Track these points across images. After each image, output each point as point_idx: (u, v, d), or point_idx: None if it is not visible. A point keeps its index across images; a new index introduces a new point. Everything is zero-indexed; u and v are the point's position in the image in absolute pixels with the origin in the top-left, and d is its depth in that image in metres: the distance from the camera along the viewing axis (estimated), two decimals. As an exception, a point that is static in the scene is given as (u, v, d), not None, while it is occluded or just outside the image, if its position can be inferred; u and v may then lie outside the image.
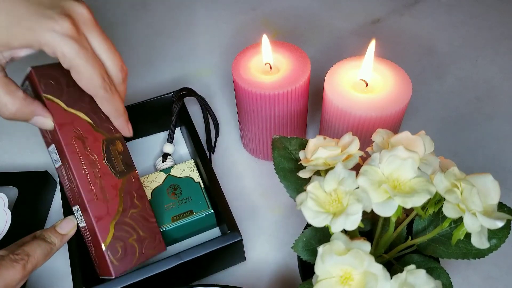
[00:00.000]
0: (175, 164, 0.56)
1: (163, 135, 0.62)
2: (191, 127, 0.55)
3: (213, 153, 0.59)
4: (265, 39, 0.49)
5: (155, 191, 0.50)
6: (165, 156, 0.56)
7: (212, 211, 0.48)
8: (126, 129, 0.42)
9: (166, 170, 0.52)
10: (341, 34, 0.75)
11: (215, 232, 0.51)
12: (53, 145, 0.39)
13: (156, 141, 0.61)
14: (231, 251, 0.45)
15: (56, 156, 0.39)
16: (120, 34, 0.79)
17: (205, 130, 0.60)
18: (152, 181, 0.51)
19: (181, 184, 0.50)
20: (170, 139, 0.56)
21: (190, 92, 0.58)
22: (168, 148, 0.56)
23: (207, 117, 0.60)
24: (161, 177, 0.52)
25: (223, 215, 0.46)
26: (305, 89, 0.49)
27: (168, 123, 0.57)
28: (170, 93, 0.58)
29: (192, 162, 0.53)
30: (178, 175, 0.51)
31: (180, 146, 0.60)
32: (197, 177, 0.51)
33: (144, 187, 0.51)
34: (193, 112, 0.63)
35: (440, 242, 0.35)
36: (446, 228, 0.35)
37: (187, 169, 0.52)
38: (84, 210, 0.38)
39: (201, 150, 0.52)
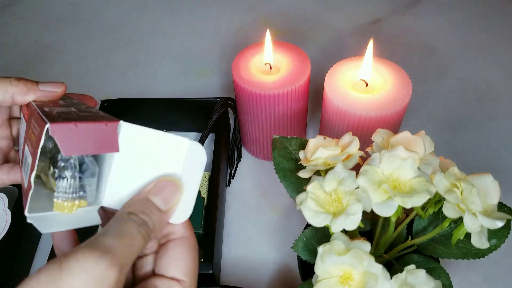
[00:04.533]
0: None
1: (198, 136, 0.60)
2: (220, 139, 0.54)
3: (233, 178, 0.57)
4: (268, 35, 0.49)
5: None
6: None
7: (202, 232, 0.47)
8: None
9: None
10: (341, 34, 0.75)
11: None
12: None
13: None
14: (200, 279, 0.43)
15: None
16: (120, 34, 0.79)
17: (230, 150, 0.58)
18: None
19: None
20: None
21: (234, 104, 0.56)
22: None
23: (234, 138, 0.58)
24: None
25: (205, 242, 0.44)
26: (305, 89, 0.49)
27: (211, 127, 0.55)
28: (217, 98, 0.56)
29: (207, 175, 0.51)
30: None
31: (211, 153, 0.56)
32: (204, 192, 0.50)
33: None
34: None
35: (440, 242, 0.35)
36: (446, 228, 0.35)
37: None
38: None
39: (217, 168, 0.50)
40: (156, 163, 0.27)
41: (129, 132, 0.26)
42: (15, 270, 0.47)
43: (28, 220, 0.24)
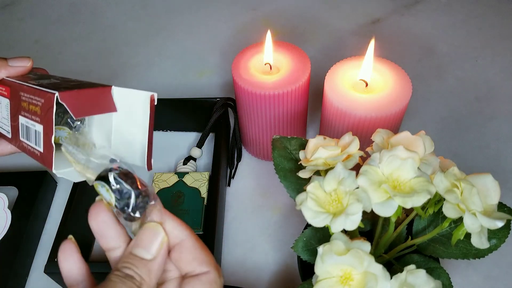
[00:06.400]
0: (195, 170, 0.55)
1: (198, 136, 0.60)
2: (220, 139, 0.54)
3: (233, 178, 0.57)
4: (268, 35, 0.49)
5: (161, 192, 0.50)
6: (188, 159, 0.55)
7: (202, 232, 0.47)
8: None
9: (181, 174, 0.52)
10: (341, 34, 0.75)
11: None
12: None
13: (188, 140, 0.60)
14: None
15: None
16: (120, 34, 0.79)
17: (230, 150, 0.58)
18: (163, 181, 0.51)
19: (187, 194, 0.50)
20: (199, 144, 0.55)
21: (234, 104, 0.56)
22: (194, 152, 0.55)
23: (234, 138, 0.58)
24: (172, 180, 0.51)
25: (205, 242, 0.45)
26: (305, 89, 0.49)
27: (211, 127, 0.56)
28: (217, 98, 0.56)
29: (207, 175, 0.52)
30: (188, 183, 0.51)
31: (211, 153, 0.57)
32: (204, 192, 0.50)
33: (153, 183, 0.51)
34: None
35: (440, 242, 0.35)
36: (446, 228, 0.35)
37: (199, 181, 0.51)
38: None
39: (217, 168, 0.51)
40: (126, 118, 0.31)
41: (115, 94, 0.31)
42: (15, 270, 0.47)
43: (58, 175, 0.28)
